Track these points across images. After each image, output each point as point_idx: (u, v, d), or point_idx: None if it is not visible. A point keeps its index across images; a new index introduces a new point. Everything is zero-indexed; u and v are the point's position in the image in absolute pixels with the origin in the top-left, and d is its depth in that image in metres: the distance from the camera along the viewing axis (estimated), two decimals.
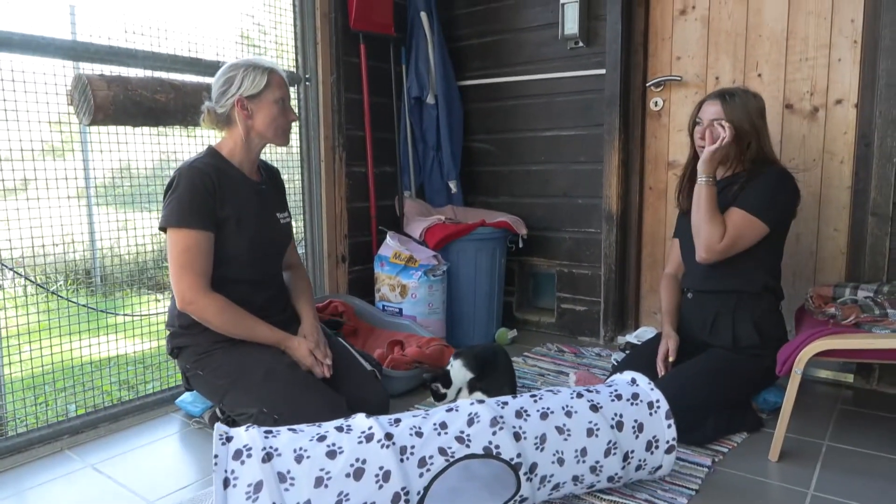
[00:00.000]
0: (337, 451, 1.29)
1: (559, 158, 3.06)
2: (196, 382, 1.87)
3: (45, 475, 1.76)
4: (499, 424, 1.41)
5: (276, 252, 1.99)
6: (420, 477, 1.31)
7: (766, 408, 2.06)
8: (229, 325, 1.77)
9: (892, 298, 1.98)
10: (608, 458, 1.49)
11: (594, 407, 1.52)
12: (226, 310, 1.75)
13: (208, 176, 1.76)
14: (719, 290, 2.04)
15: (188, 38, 2.29)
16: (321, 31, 2.75)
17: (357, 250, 3.02)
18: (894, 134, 2.21)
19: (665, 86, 2.81)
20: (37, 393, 2.08)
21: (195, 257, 1.72)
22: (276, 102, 1.83)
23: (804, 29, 2.48)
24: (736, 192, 1.98)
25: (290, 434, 1.33)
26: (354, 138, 2.95)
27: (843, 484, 1.63)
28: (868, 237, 2.28)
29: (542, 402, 1.51)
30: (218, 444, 1.26)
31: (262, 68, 1.82)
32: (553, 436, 1.44)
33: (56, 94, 1.94)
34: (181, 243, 1.72)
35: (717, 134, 1.97)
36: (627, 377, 1.69)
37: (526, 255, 3.20)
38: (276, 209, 1.99)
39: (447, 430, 1.39)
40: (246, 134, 1.84)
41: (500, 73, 3.18)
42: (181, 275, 1.71)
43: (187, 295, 1.72)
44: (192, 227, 1.72)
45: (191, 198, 1.72)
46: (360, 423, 1.38)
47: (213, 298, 1.74)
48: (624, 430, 1.52)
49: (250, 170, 1.91)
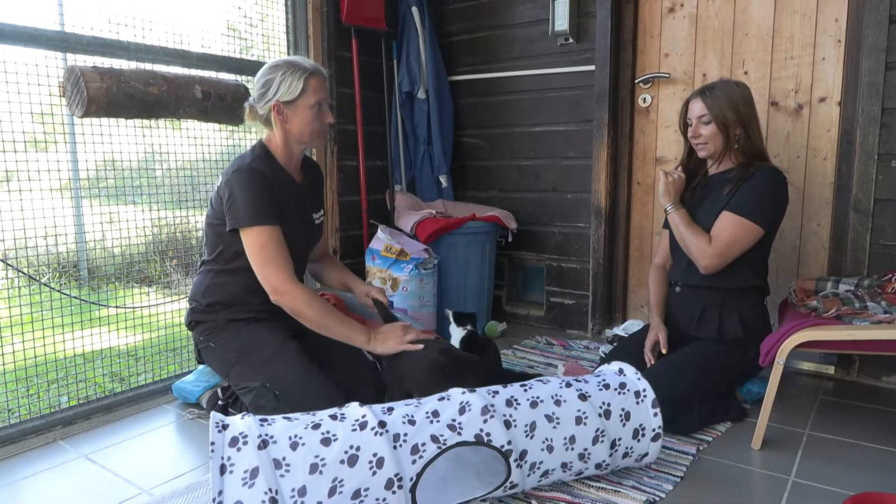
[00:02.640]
0: (331, 439, 1.31)
1: (549, 153, 3.09)
2: (207, 355, 1.93)
3: (39, 465, 1.77)
4: (489, 413, 1.43)
5: (305, 251, 2.04)
6: (413, 463, 1.34)
7: (749, 398, 2.11)
8: (320, 316, 1.78)
9: (872, 292, 2.03)
10: (596, 445, 1.52)
11: (582, 396, 1.55)
12: (314, 300, 1.79)
13: (264, 176, 1.80)
14: (707, 285, 2.08)
15: (175, 29, 2.29)
16: (313, 26, 2.76)
17: (348, 244, 3.04)
18: (876, 131, 2.26)
19: (653, 82, 2.85)
20: (29, 384, 2.09)
21: (276, 251, 1.76)
22: (311, 108, 1.83)
23: (790, 28, 2.53)
24: (730, 192, 2.00)
25: (284, 422, 1.35)
26: (346, 132, 2.97)
27: (822, 471, 1.68)
28: (850, 232, 2.33)
29: (531, 392, 1.54)
30: (214, 432, 1.27)
31: (300, 72, 1.81)
32: (543, 423, 1.48)
33: (39, 86, 1.93)
34: (259, 240, 1.75)
35: (702, 137, 2.03)
36: (615, 367, 1.72)
37: (515, 250, 3.24)
38: (312, 209, 2.02)
39: (439, 419, 1.41)
40: (284, 137, 1.87)
41: (490, 69, 3.20)
42: (268, 270, 1.75)
43: (280, 286, 1.75)
44: (264, 223, 1.76)
45: (257, 196, 1.75)
46: (353, 412, 1.40)
47: (303, 289, 1.78)
48: (612, 418, 1.55)
49: (295, 170, 1.95)
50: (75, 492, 1.63)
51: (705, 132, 2.03)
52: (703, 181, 2.17)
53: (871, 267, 2.30)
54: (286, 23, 2.73)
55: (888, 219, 2.27)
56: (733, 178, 2.03)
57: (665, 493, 1.56)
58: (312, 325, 1.79)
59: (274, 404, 1.73)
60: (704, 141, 2.05)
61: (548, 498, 1.53)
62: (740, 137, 2.03)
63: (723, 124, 2.00)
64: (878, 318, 1.81)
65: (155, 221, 2.59)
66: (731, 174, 2.06)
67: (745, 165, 2.04)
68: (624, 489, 1.57)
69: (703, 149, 2.07)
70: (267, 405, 1.74)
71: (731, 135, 2.02)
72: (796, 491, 1.58)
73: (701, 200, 2.12)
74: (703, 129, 2.03)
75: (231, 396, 2.01)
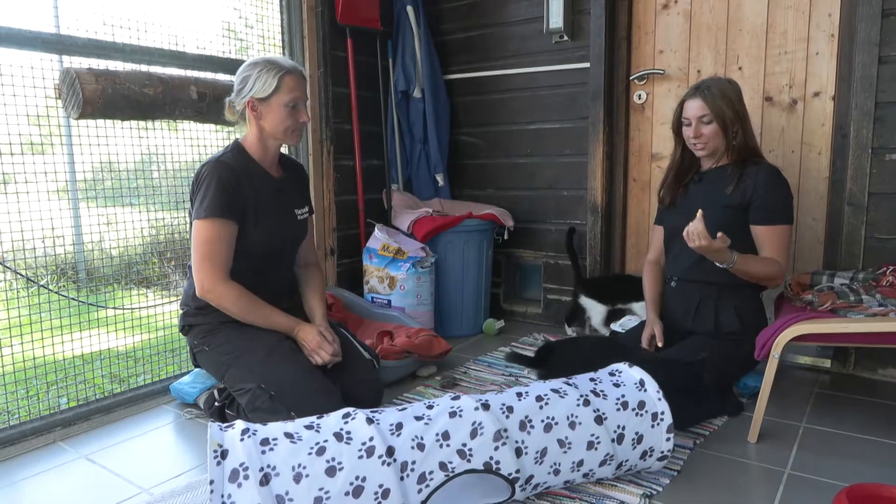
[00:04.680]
0: (336, 468, 1.27)
1: (544, 151, 3.10)
2: (202, 358, 1.93)
3: (39, 466, 1.77)
4: (502, 439, 1.39)
5: (289, 247, 2.04)
6: (418, 493, 1.32)
7: (746, 392, 2.13)
8: (245, 313, 1.83)
9: (867, 285, 2.04)
10: (602, 467, 1.51)
11: (599, 419, 1.50)
12: (242, 298, 1.81)
13: (232, 170, 1.81)
14: (704, 280, 2.09)
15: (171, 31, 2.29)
16: (308, 26, 2.77)
17: (346, 243, 3.05)
18: (870, 125, 2.27)
19: (648, 79, 2.86)
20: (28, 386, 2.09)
21: (216, 248, 1.78)
22: (285, 106, 1.84)
23: (783, 23, 2.54)
24: (735, 189, 2.01)
25: (287, 445, 1.28)
26: (342, 132, 2.97)
27: (818, 463, 1.69)
28: (845, 226, 2.34)
29: (547, 409, 1.48)
30: (213, 465, 1.22)
31: (275, 70, 1.83)
32: (554, 449, 1.44)
33: (34, 88, 1.94)
34: (203, 234, 1.78)
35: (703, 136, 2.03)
36: (636, 376, 1.64)
37: (512, 247, 3.24)
38: (294, 205, 2.02)
39: (449, 442, 1.37)
40: (258, 133, 1.89)
41: (485, 67, 3.21)
42: (201, 264, 1.78)
43: (206, 284, 1.78)
44: (214, 218, 1.77)
45: (215, 191, 1.77)
46: (360, 431, 1.34)
47: (231, 287, 1.80)
48: (624, 442, 1.52)
49: (270, 165, 1.96)
50: (75, 492, 1.63)
51: (707, 131, 2.03)
52: (695, 177, 2.17)
53: (866, 260, 2.31)
54: (281, 23, 2.74)
55: (882, 212, 2.28)
56: (731, 176, 2.04)
57: (662, 486, 1.57)
58: (238, 318, 1.83)
59: (270, 405, 1.73)
60: (706, 140, 2.05)
61: (545, 492, 1.54)
62: (738, 135, 2.04)
63: (723, 123, 2.01)
64: (873, 311, 1.82)
65: (153, 223, 2.60)
66: (727, 171, 2.06)
67: (739, 161, 2.05)
68: (621, 483, 1.58)
69: (702, 148, 2.07)
70: (263, 406, 1.74)
71: (730, 133, 2.03)
72: (792, 483, 1.59)
73: (697, 197, 2.13)
74: (705, 129, 2.03)
75: (227, 398, 2.01)
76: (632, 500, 1.51)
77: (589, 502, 1.50)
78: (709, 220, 1.93)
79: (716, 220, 2.04)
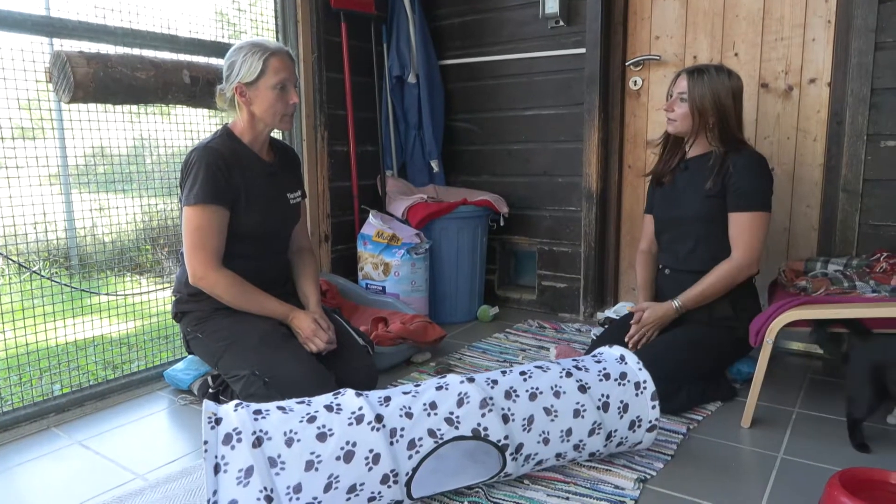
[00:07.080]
0: (327, 434, 1.29)
1: (540, 137, 3.09)
2: (195, 345, 1.92)
3: (33, 452, 1.77)
4: (488, 406, 1.42)
5: (282, 231, 2.02)
6: (409, 459, 1.33)
7: (739, 378, 2.14)
8: (238, 300, 1.82)
9: (861, 271, 2.05)
10: (592, 437, 1.52)
11: (582, 388, 1.53)
12: (235, 285, 1.81)
13: (221, 155, 1.79)
14: (698, 269, 2.09)
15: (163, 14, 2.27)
16: (302, 10, 2.74)
17: (340, 229, 3.04)
18: (865, 112, 2.26)
19: (644, 65, 2.85)
20: (21, 373, 2.09)
21: (208, 235, 1.77)
22: (272, 89, 1.82)
23: (780, 9, 2.52)
24: (712, 186, 2.01)
25: (279, 414, 1.31)
26: (336, 117, 2.95)
27: (811, 448, 1.71)
28: (839, 213, 2.35)
29: (531, 381, 1.51)
30: (207, 429, 1.24)
31: (260, 52, 1.81)
32: (541, 416, 1.47)
33: (25, 72, 1.91)
34: (194, 221, 1.76)
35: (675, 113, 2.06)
36: (616, 353, 1.70)
37: (507, 234, 3.24)
38: (286, 189, 2.01)
39: (437, 411, 1.39)
40: (249, 118, 1.87)
41: (481, 53, 3.19)
42: (194, 251, 1.77)
43: (199, 271, 1.77)
44: (204, 204, 1.76)
45: (205, 177, 1.76)
46: (349, 402, 1.37)
47: (223, 274, 1.79)
48: (609, 410, 1.54)
49: (261, 150, 1.94)
50: (70, 477, 1.63)
51: (678, 110, 2.05)
52: (682, 164, 2.17)
53: (860, 247, 2.32)
54: (274, 7, 2.71)
55: (877, 199, 2.28)
56: (712, 167, 2.03)
57: (656, 471, 1.58)
58: (231, 306, 1.83)
59: (264, 391, 1.73)
60: (674, 118, 2.07)
61: (540, 477, 1.55)
62: (714, 127, 2.03)
63: (697, 109, 2.01)
64: (866, 298, 1.83)
65: (145, 209, 2.58)
66: (709, 161, 2.05)
67: (722, 152, 2.03)
68: (615, 468, 1.59)
69: (670, 124, 2.10)
70: (257, 392, 1.74)
71: (704, 121, 2.02)
72: (785, 468, 1.60)
73: (683, 186, 2.13)
74: (677, 107, 2.05)
75: (221, 384, 2.01)
76: (626, 484, 1.52)
77: (584, 486, 1.51)
78: (692, 210, 2.04)
79: (699, 210, 2.05)
